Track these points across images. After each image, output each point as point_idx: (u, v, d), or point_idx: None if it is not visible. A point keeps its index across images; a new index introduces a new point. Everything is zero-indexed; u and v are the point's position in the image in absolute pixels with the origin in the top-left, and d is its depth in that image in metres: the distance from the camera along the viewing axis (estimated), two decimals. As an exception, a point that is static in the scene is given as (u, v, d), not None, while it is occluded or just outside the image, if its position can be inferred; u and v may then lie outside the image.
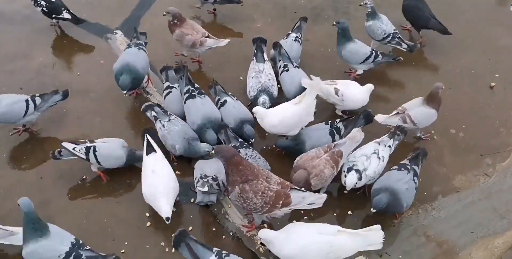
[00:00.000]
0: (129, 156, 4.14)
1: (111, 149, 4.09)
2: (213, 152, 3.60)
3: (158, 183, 3.85)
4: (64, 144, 4.08)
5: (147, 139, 4.08)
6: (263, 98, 4.49)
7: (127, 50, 4.64)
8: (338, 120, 4.45)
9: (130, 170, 4.29)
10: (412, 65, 5.33)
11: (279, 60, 4.78)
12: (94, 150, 4.03)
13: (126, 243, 3.92)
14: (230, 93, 4.60)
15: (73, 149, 4.05)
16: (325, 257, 3.53)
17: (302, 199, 3.60)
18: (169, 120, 4.28)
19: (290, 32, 5.10)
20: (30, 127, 4.54)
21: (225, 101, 4.48)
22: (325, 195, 3.67)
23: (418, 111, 4.42)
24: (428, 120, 4.47)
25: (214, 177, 3.95)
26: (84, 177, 4.30)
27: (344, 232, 3.57)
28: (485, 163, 4.58)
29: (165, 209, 3.72)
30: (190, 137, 4.21)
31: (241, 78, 5.08)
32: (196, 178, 4.00)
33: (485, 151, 4.64)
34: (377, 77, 5.10)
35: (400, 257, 3.96)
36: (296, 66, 4.75)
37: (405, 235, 4.12)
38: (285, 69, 4.70)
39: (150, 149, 4.04)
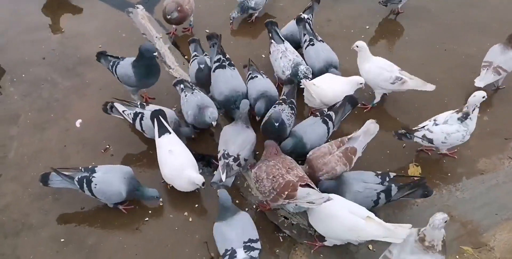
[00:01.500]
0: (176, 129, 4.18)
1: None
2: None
3: (179, 159, 3.88)
4: (116, 104, 4.15)
5: (159, 121, 4.04)
6: (304, 66, 4.46)
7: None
8: (326, 110, 4.35)
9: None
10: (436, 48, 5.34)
11: (304, 34, 4.80)
12: (141, 118, 4.07)
13: (149, 211, 3.94)
14: (262, 72, 4.59)
15: (123, 111, 4.10)
16: (344, 232, 3.55)
17: (306, 195, 3.46)
18: (192, 92, 4.31)
19: (301, 13, 5.08)
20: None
21: (256, 76, 4.49)
22: (327, 196, 3.47)
23: (504, 58, 4.49)
24: None
25: (236, 156, 3.90)
26: (108, 146, 4.31)
27: (373, 220, 3.52)
28: (509, 146, 4.59)
29: (197, 176, 3.77)
30: (203, 105, 4.20)
31: (263, 55, 5.09)
32: (219, 152, 3.98)
33: (510, 135, 4.65)
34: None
35: (422, 236, 3.96)
36: (320, 40, 4.77)
37: (430, 214, 4.08)
38: (311, 43, 4.72)
39: (163, 131, 4.02)
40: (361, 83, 4.44)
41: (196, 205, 4.02)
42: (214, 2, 5.70)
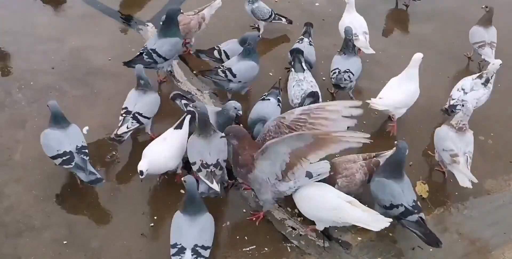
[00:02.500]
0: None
1: None
2: (223, 134, 3.63)
3: (158, 146, 3.92)
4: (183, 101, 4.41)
5: (184, 118, 4.12)
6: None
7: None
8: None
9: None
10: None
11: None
12: None
13: (155, 217, 3.92)
14: (279, 97, 4.65)
15: (185, 104, 4.35)
16: (327, 212, 3.68)
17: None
18: None
19: (302, 36, 5.27)
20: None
21: (268, 99, 4.55)
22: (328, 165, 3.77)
23: (491, 34, 5.29)
24: None
25: (216, 162, 3.84)
26: (114, 153, 4.34)
27: (360, 206, 3.68)
28: (515, 169, 4.67)
29: (142, 163, 3.79)
30: (215, 108, 4.40)
31: (271, 74, 5.23)
32: (195, 163, 3.85)
33: (514, 159, 4.72)
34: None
35: (431, 250, 3.98)
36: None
37: (437, 231, 4.14)
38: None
39: (179, 125, 4.10)
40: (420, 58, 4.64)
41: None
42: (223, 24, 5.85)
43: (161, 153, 3.92)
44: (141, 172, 3.74)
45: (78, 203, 3.97)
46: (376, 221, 3.68)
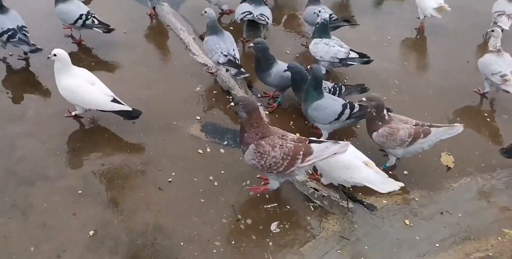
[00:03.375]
0: None
1: None
2: (232, 104, 3.45)
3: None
4: None
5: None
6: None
7: None
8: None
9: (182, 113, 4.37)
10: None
11: None
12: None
13: (173, 173, 3.89)
14: None
15: None
16: (339, 169, 3.68)
17: (325, 148, 3.46)
18: None
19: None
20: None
21: None
22: (348, 143, 3.54)
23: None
24: None
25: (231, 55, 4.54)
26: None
27: (374, 167, 3.67)
28: (542, 145, 4.66)
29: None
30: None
31: (287, 52, 5.33)
32: (214, 52, 4.54)
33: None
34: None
35: (460, 215, 3.94)
36: None
37: (466, 197, 4.13)
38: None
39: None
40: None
41: (222, 172, 3.97)
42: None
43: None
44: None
45: (94, 157, 3.96)
46: (386, 184, 3.66)
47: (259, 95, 4.76)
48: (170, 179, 3.83)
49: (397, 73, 5.32)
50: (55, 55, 3.93)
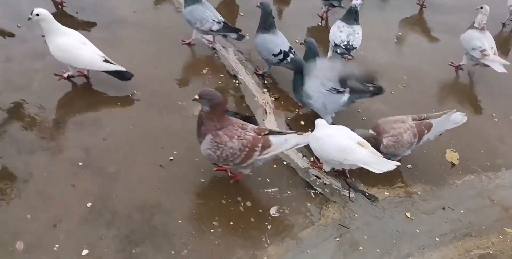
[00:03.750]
0: None
1: None
2: (196, 96, 3.34)
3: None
4: None
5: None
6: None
7: None
8: None
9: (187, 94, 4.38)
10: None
11: None
12: None
13: (175, 152, 3.90)
14: None
15: None
16: (333, 152, 3.73)
17: (285, 141, 3.46)
18: None
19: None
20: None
21: None
22: (310, 133, 3.57)
23: None
24: None
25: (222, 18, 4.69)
26: (135, 92, 4.36)
27: (368, 147, 3.71)
28: (547, 149, 4.70)
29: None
30: None
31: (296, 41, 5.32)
32: (205, 20, 4.65)
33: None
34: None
35: (462, 212, 3.97)
36: None
37: (469, 195, 4.17)
38: None
39: None
40: None
41: (225, 154, 3.96)
42: None
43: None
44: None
45: (96, 131, 3.97)
46: (381, 164, 3.68)
47: (265, 81, 4.75)
48: (172, 158, 3.84)
49: (406, 69, 5.33)
50: (37, 14, 3.91)
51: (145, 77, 4.47)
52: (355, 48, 4.83)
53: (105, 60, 4.07)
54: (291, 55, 4.55)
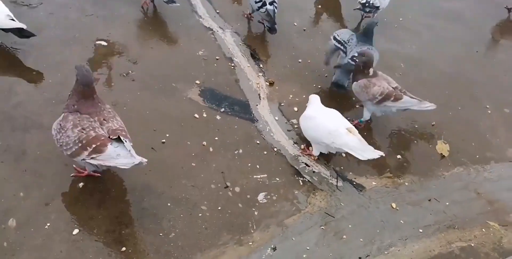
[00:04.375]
0: None
1: None
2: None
3: None
4: None
5: None
6: None
7: None
8: None
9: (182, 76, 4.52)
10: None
11: None
12: None
13: (167, 135, 4.04)
14: None
15: None
16: (322, 134, 3.93)
17: (116, 157, 3.19)
18: None
19: None
20: None
21: None
22: (138, 160, 3.21)
23: None
24: None
25: None
26: (130, 72, 4.46)
27: (356, 134, 3.89)
28: (538, 141, 4.84)
29: None
30: None
31: (295, 24, 5.43)
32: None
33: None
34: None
35: (447, 204, 4.13)
36: None
37: (456, 187, 4.31)
38: None
39: None
40: None
41: (216, 138, 4.13)
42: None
43: None
44: None
45: (89, 111, 4.05)
46: (367, 152, 3.88)
47: (261, 65, 4.87)
48: (164, 140, 3.99)
49: (404, 56, 5.43)
50: None
51: (141, 57, 4.57)
52: (378, 7, 5.03)
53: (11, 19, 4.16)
54: (268, 7, 4.83)
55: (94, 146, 3.15)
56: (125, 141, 3.19)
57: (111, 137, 3.20)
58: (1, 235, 3.25)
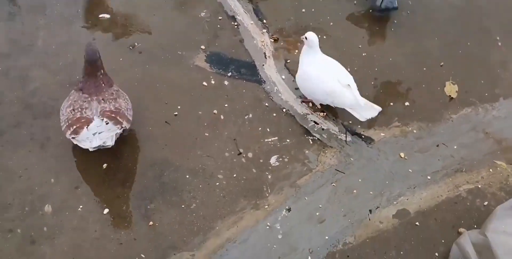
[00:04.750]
0: None
1: None
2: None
3: None
4: None
5: None
6: None
7: None
8: None
9: (186, 42, 4.65)
10: None
11: None
12: None
13: (179, 107, 4.29)
14: None
15: None
16: (321, 94, 4.11)
17: (86, 139, 3.49)
18: None
19: None
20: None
21: None
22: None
23: None
24: None
25: None
26: (136, 44, 4.62)
27: (352, 91, 4.00)
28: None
29: None
30: None
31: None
32: None
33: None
34: None
35: (455, 147, 4.33)
36: None
37: (464, 129, 4.49)
38: None
39: None
40: None
41: (226, 105, 4.34)
42: None
43: None
44: None
45: (102, 90, 4.29)
46: (366, 111, 4.10)
47: (264, 21, 4.94)
48: (176, 113, 4.24)
49: None
50: None
51: (148, 27, 4.70)
52: None
53: None
54: None
55: (74, 127, 3.44)
56: (107, 123, 3.45)
57: (102, 118, 3.47)
58: (40, 220, 3.66)
